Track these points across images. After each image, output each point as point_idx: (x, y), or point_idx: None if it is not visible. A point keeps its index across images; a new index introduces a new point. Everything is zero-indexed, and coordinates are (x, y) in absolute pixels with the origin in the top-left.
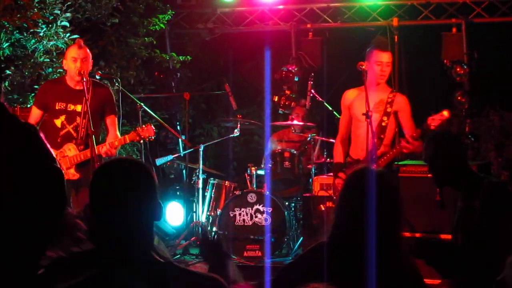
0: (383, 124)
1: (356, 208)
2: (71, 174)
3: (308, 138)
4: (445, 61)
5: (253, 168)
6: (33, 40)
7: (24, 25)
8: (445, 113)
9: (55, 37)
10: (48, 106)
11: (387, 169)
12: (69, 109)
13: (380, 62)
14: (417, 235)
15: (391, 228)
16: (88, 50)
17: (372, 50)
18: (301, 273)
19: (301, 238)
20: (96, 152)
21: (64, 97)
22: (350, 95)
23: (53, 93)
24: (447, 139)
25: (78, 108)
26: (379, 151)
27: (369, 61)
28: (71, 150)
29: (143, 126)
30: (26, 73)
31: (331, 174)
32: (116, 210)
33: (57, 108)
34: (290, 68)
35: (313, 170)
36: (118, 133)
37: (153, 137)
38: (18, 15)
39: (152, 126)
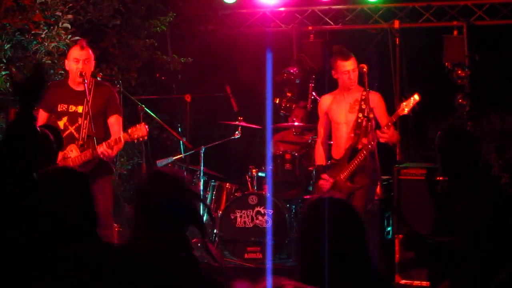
0: (359, 120)
1: (319, 240)
2: None
3: (309, 141)
4: (446, 63)
5: (254, 170)
6: (34, 42)
7: (26, 26)
8: (416, 96)
9: (57, 39)
10: (52, 108)
11: (371, 160)
12: (70, 111)
13: (346, 71)
14: None
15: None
16: (90, 51)
17: (335, 61)
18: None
19: None
20: (95, 153)
21: (65, 98)
22: (326, 101)
23: (55, 95)
24: (463, 133)
25: (80, 109)
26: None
27: (336, 71)
28: (73, 152)
29: (136, 125)
30: (28, 75)
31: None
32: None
33: (59, 109)
34: (291, 70)
35: (314, 172)
36: (122, 133)
37: (146, 137)
38: (20, 17)
39: (146, 126)
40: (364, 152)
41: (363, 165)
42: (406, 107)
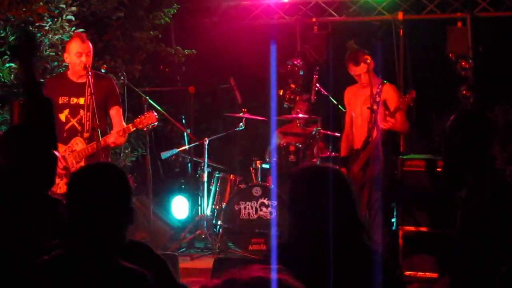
0: (376, 112)
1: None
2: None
3: (313, 132)
4: (450, 55)
5: (258, 162)
6: (38, 34)
7: (30, 19)
8: (413, 93)
9: (61, 31)
10: (53, 101)
11: (384, 146)
12: (72, 103)
13: (357, 75)
14: (422, 229)
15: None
16: (90, 44)
17: (348, 63)
18: None
19: None
20: (104, 143)
21: (66, 91)
22: (348, 93)
23: (56, 88)
24: (472, 115)
25: (81, 101)
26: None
27: (349, 70)
28: (78, 144)
29: (145, 113)
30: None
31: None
32: (88, 212)
33: (60, 102)
34: (295, 62)
35: (318, 164)
36: (123, 123)
37: (155, 124)
38: (24, 9)
39: (154, 113)
40: (373, 144)
41: (375, 156)
42: (403, 103)
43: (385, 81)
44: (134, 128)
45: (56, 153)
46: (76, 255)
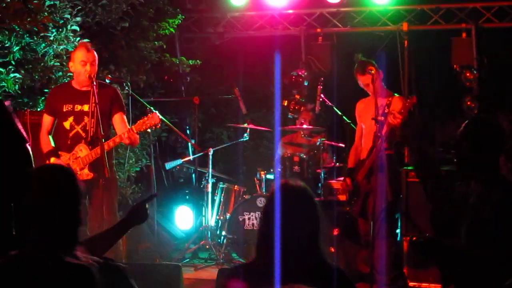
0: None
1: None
2: (85, 174)
3: (318, 143)
4: (454, 66)
5: (262, 172)
6: (43, 44)
7: (34, 28)
8: (413, 99)
9: (65, 41)
10: (57, 110)
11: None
12: (76, 110)
13: (365, 84)
14: (426, 239)
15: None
16: (95, 53)
17: (355, 73)
18: None
19: None
20: (108, 147)
21: (71, 98)
22: (360, 106)
23: (60, 96)
24: (483, 123)
25: (85, 107)
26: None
27: (358, 81)
28: (82, 151)
29: (148, 114)
30: (36, 77)
31: (341, 178)
32: (36, 213)
33: (64, 110)
34: (299, 73)
35: (322, 174)
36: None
37: (159, 125)
38: (28, 19)
39: (158, 113)
40: (378, 149)
41: (379, 165)
42: (404, 108)
43: (395, 94)
44: (138, 130)
45: (62, 161)
46: (27, 256)
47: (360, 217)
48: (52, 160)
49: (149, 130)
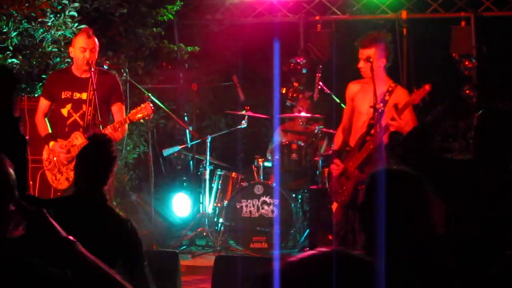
0: (379, 111)
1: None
2: None
3: (316, 130)
4: (453, 54)
5: (260, 160)
6: (41, 30)
7: (32, 14)
8: (427, 87)
9: (63, 27)
10: (55, 96)
11: (378, 152)
12: (75, 98)
13: (360, 58)
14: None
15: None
16: (96, 40)
17: (359, 46)
18: None
19: (308, 231)
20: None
21: (70, 85)
22: (354, 88)
23: (59, 82)
24: (499, 114)
25: (84, 96)
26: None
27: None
28: (78, 139)
29: (141, 105)
30: (34, 63)
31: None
32: None
33: (63, 97)
34: (298, 60)
35: (320, 162)
36: None
37: (151, 115)
38: (26, 4)
39: (150, 104)
40: (372, 142)
41: (374, 156)
42: (417, 96)
43: (398, 84)
44: (129, 121)
45: (61, 146)
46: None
47: (347, 209)
48: (51, 144)
49: (142, 121)
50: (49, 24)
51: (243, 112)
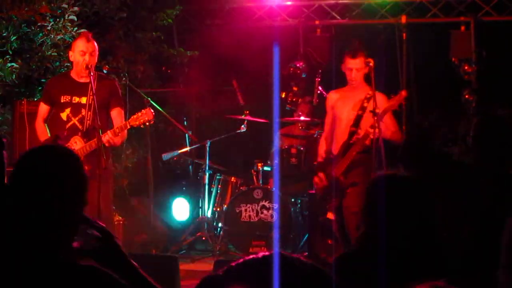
0: (358, 116)
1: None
2: None
3: (315, 135)
4: (453, 59)
5: (259, 164)
6: (40, 34)
7: (32, 18)
8: (403, 93)
9: (63, 31)
10: (54, 100)
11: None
12: (74, 102)
13: (350, 68)
14: None
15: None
16: (95, 44)
17: (344, 55)
18: None
19: (307, 235)
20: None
21: (69, 90)
22: (334, 96)
23: (58, 87)
24: (496, 123)
25: (83, 100)
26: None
27: (344, 65)
28: (77, 143)
29: (142, 110)
30: (33, 67)
31: None
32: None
33: (62, 101)
34: (297, 65)
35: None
36: None
37: (152, 121)
38: (26, 9)
39: (151, 110)
40: (357, 147)
41: (358, 161)
42: (395, 102)
43: (376, 90)
44: (130, 126)
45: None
46: None
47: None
48: None
49: (142, 126)
50: (49, 28)
51: (243, 116)
